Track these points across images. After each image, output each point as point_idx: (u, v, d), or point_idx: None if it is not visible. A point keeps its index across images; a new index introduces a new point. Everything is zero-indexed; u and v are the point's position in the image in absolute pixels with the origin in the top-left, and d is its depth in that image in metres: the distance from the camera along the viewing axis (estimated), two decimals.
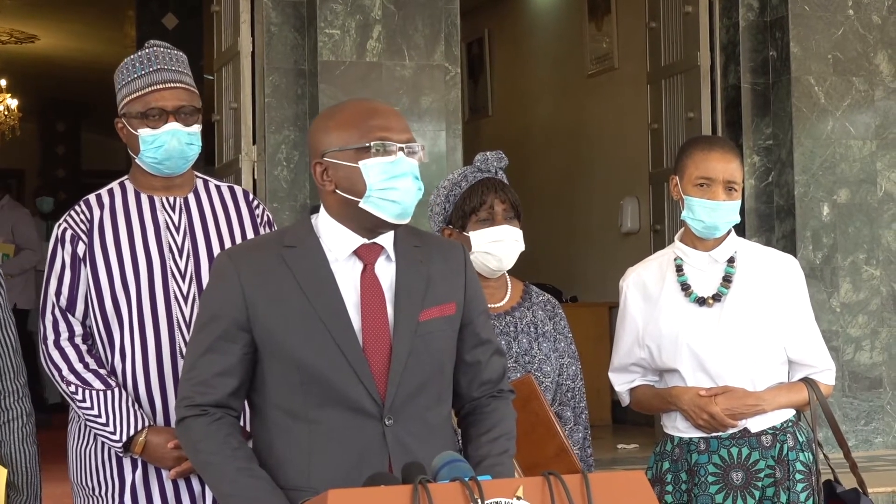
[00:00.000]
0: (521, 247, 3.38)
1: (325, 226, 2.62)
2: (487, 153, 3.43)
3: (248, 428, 2.73)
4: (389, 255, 2.63)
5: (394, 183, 2.55)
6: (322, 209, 2.64)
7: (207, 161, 5.57)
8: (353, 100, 2.72)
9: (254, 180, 6.23)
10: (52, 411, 8.96)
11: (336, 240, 2.60)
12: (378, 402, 2.54)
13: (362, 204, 2.55)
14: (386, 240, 2.63)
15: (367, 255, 2.61)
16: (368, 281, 2.59)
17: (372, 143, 2.55)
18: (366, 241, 2.61)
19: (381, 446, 2.54)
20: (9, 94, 13.83)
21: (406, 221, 2.60)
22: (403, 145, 2.57)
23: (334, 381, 2.53)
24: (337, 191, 2.58)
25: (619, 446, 7.42)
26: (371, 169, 2.54)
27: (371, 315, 2.57)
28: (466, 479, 2.21)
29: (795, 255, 5.46)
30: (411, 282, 2.61)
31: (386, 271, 2.62)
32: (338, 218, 2.61)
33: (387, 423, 2.55)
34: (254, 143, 6.26)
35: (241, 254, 2.65)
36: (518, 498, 2.22)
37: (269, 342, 2.55)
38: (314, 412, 2.54)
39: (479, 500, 2.17)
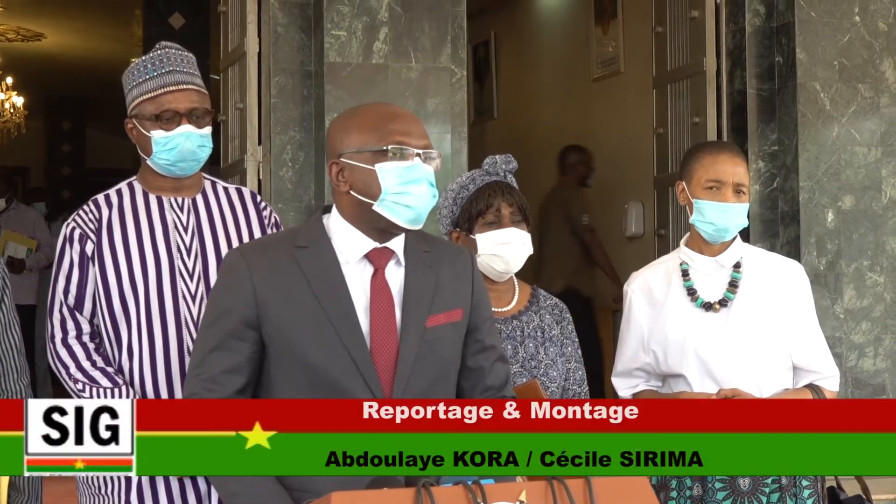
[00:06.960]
0: (529, 250, 3.37)
1: (337, 227, 2.63)
2: (496, 156, 3.42)
3: None
4: (399, 260, 2.64)
5: (408, 188, 2.55)
6: (334, 210, 2.65)
7: (212, 161, 5.58)
8: (375, 103, 2.74)
9: (259, 181, 6.22)
10: None
11: (348, 242, 2.61)
12: None
13: (376, 207, 2.56)
14: (396, 244, 2.64)
15: (377, 259, 2.62)
16: (378, 285, 2.60)
17: (389, 147, 2.56)
18: (377, 244, 2.62)
19: None
20: (15, 92, 13.84)
21: (419, 227, 2.61)
22: (421, 151, 2.58)
23: (341, 383, 2.54)
24: (351, 192, 2.59)
25: None
26: (387, 172, 2.55)
27: (379, 319, 2.58)
28: (469, 482, 2.21)
29: (799, 261, 5.45)
30: (420, 287, 2.62)
31: (395, 276, 2.63)
32: (350, 219, 2.61)
33: None
34: (259, 143, 6.25)
35: (252, 252, 2.65)
36: (521, 502, 2.22)
37: (277, 341, 2.56)
38: None
39: None
